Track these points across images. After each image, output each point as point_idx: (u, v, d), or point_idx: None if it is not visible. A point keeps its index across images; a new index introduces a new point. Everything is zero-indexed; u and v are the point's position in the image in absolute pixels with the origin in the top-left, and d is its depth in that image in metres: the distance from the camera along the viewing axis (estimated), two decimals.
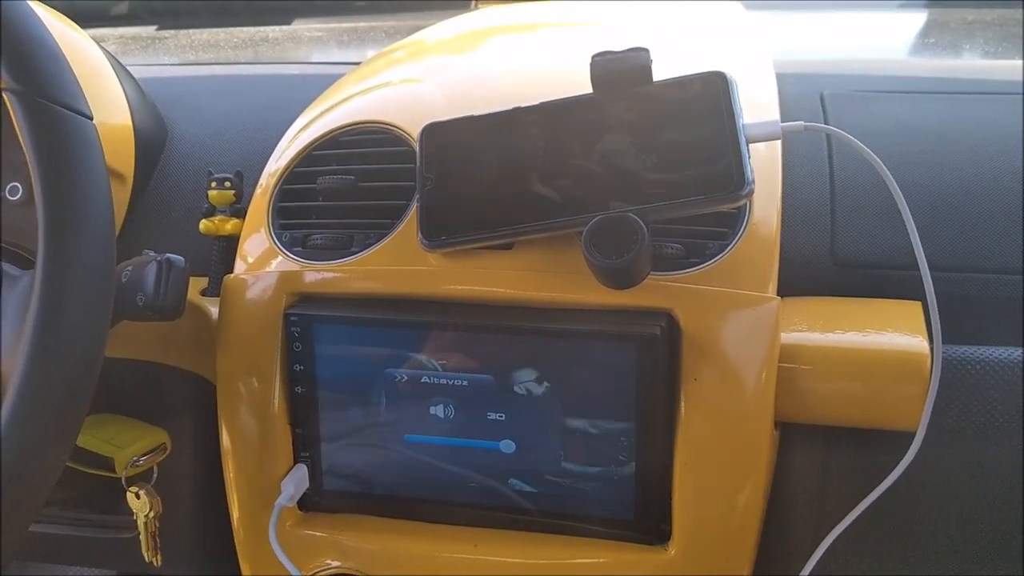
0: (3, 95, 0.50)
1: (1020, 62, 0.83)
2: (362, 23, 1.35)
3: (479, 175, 0.58)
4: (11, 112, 0.49)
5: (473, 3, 1.47)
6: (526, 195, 0.56)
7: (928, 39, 1.04)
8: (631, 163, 0.55)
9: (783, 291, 0.61)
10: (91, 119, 0.52)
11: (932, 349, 0.54)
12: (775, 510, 0.63)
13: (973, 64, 0.91)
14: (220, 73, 0.97)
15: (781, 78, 0.78)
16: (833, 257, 0.63)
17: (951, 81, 0.79)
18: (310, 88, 0.79)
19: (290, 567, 0.57)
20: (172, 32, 1.32)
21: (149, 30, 1.37)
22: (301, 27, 1.32)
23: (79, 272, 0.48)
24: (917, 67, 0.84)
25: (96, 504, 0.77)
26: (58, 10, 1.42)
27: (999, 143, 0.68)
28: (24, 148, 0.49)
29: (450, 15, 1.06)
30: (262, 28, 1.29)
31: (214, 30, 1.29)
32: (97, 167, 0.51)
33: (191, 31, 1.31)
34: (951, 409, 0.58)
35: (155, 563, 0.70)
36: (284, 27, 1.31)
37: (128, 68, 0.83)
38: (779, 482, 0.63)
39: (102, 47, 0.76)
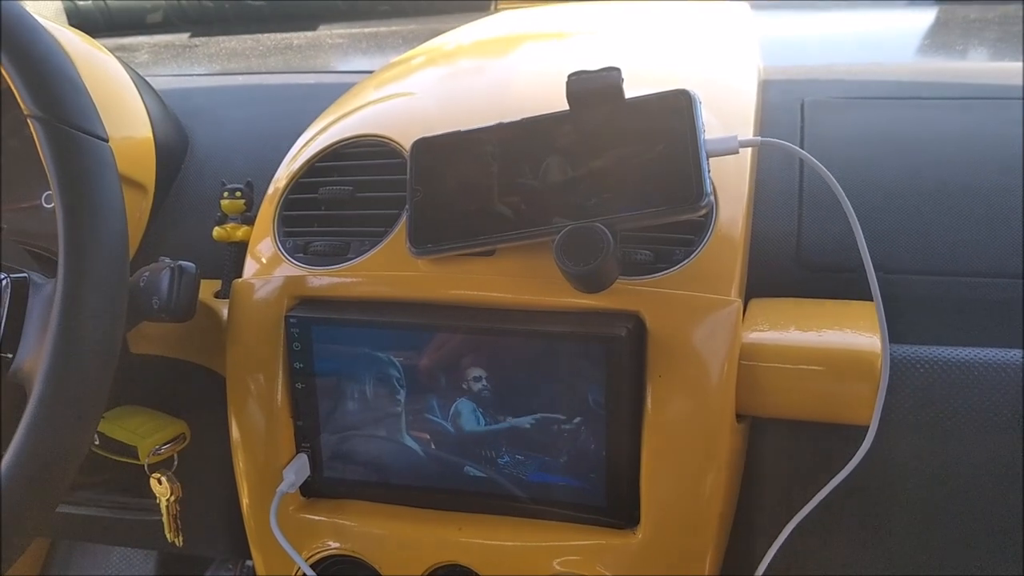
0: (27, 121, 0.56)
1: (1017, 64, 0.84)
2: (383, 28, 1.39)
3: (463, 187, 0.62)
4: (34, 136, 0.55)
5: (493, 5, 1.51)
6: (505, 205, 0.61)
7: (925, 39, 1.06)
8: (601, 176, 0.59)
9: (753, 293, 0.65)
10: (107, 141, 0.57)
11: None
12: (748, 498, 0.67)
13: (963, 67, 0.93)
14: (241, 83, 1.02)
15: (767, 84, 0.81)
16: (799, 261, 0.67)
17: (937, 85, 0.81)
18: (325, 97, 0.84)
19: (289, 550, 0.62)
20: (203, 40, 1.38)
21: (182, 38, 1.44)
22: (324, 33, 1.37)
23: (94, 283, 0.54)
24: (905, 71, 0.86)
25: (133, 488, 0.83)
26: (97, 19, 1.49)
27: (975, 148, 0.71)
28: (46, 169, 0.55)
29: (470, 18, 1.10)
30: (287, 35, 1.34)
31: (242, 37, 1.35)
32: (112, 186, 0.56)
33: (220, 38, 1.36)
34: (904, 406, 0.61)
35: (177, 543, 0.75)
36: (308, 33, 1.36)
37: (157, 78, 0.89)
38: (751, 472, 0.67)
39: (125, 63, 0.81)
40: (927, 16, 1.18)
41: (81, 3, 1.45)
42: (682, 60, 0.82)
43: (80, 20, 1.45)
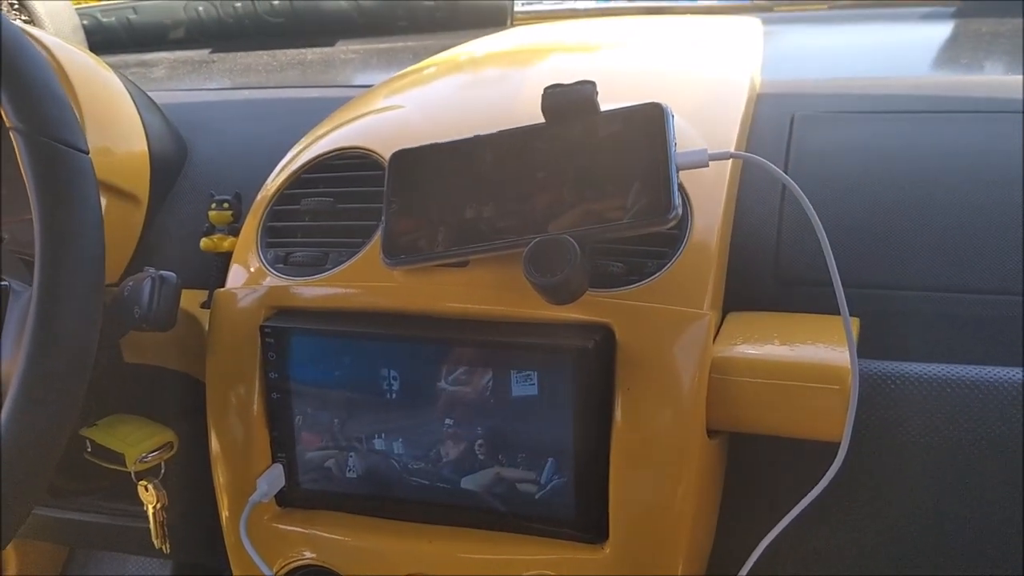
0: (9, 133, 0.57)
1: (1016, 78, 0.83)
2: (399, 43, 1.41)
3: (438, 199, 0.63)
4: (15, 148, 0.57)
5: (509, 21, 1.52)
6: (478, 218, 0.61)
7: (931, 53, 1.05)
8: (572, 188, 0.59)
9: (732, 306, 0.65)
10: (86, 153, 0.58)
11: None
12: (731, 512, 0.67)
13: (962, 80, 0.92)
14: (245, 97, 1.04)
15: (762, 98, 0.81)
16: (778, 274, 0.66)
17: (933, 99, 0.80)
18: (328, 110, 0.85)
19: (256, 559, 0.62)
20: (220, 56, 1.40)
21: (202, 53, 1.46)
22: (339, 49, 1.39)
23: (69, 292, 0.55)
24: (902, 84, 0.85)
25: (131, 495, 0.85)
26: (120, 35, 1.52)
27: (967, 163, 0.70)
28: (25, 180, 0.56)
29: (486, 34, 1.11)
30: (302, 51, 1.36)
31: (258, 53, 1.37)
32: (89, 197, 0.57)
33: (238, 54, 1.39)
34: (873, 421, 0.60)
35: (164, 550, 0.76)
36: (322, 49, 1.38)
37: (167, 92, 0.90)
38: (734, 484, 0.67)
39: (125, 78, 0.83)
40: (940, 29, 1.16)
41: (105, 19, 1.48)
42: (676, 74, 0.82)
43: (104, 36, 1.48)
